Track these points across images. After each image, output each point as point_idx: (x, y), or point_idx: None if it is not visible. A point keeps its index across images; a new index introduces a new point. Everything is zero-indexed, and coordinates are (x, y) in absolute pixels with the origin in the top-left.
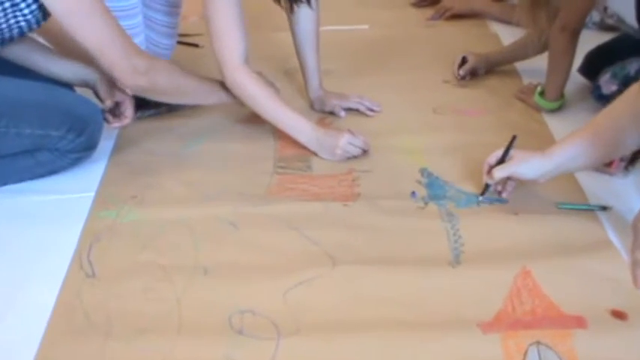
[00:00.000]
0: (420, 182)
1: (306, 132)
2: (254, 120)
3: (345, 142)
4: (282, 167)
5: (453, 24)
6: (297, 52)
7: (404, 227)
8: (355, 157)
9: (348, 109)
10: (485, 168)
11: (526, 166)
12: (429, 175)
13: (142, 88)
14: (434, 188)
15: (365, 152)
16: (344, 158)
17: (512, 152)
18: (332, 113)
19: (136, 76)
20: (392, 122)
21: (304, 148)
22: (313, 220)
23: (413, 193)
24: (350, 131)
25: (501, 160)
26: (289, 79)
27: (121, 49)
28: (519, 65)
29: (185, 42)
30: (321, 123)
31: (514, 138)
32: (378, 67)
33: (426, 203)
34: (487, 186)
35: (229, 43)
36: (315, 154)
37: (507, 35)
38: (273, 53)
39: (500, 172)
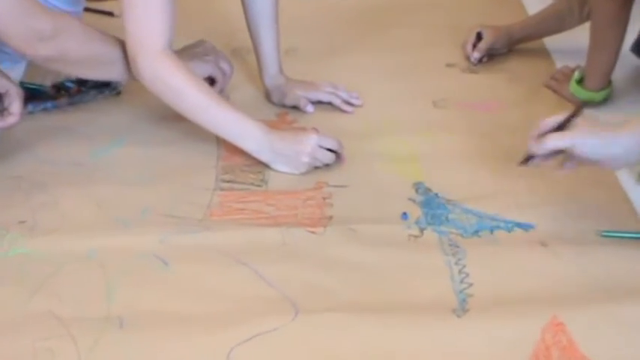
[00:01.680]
0: (413, 201)
1: (256, 136)
2: None
3: (313, 146)
4: (227, 181)
5: None
6: (248, 26)
7: (392, 262)
8: (327, 165)
9: (318, 103)
10: (535, 133)
11: (595, 139)
12: (426, 191)
13: (47, 57)
14: (432, 209)
15: (339, 158)
16: (311, 168)
17: (576, 121)
18: (295, 107)
19: (40, 43)
20: (376, 120)
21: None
22: (269, 252)
23: (404, 215)
24: (316, 130)
25: (561, 127)
26: (238, 61)
27: (15, 7)
28: (550, 42)
29: (95, 9)
30: (280, 122)
31: (581, 106)
32: (357, 44)
33: (421, 230)
34: (529, 158)
35: (150, 20)
36: (268, 166)
37: (534, 1)
38: (214, 27)
39: (556, 140)
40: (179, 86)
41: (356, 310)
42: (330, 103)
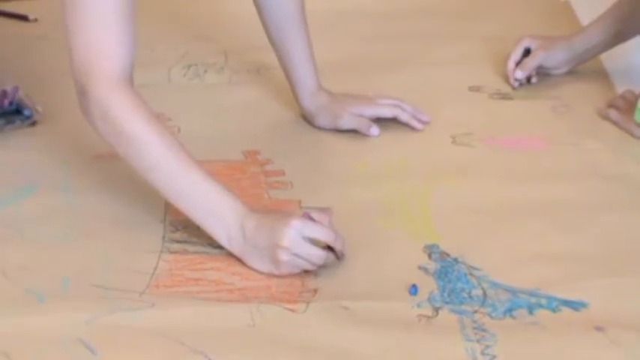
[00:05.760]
0: (425, 269)
1: (226, 220)
2: None
3: (292, 238)
4: (178, 241)
5: None
6: (271, 35)
7: (396, 351)
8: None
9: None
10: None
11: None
12: (442, 255)
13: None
14: (450, 280)
15: (337, 257)
16: (295, 269)
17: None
18: (354, 131)
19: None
20: (376, 160)
21: None
22: (233, 337)
23: (412, 288)
24: (306, 214)
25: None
26: (261, 82)
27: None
28: (609, 60)
29: (3, 12)
30: (248, 163)
31: None
32: (359, 60)
33: (435, 308)
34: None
35: (102, 35)
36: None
37: (586, 6)
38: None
39: (532, 61)
40: (135, 133)
41: None
42: (394, 120)
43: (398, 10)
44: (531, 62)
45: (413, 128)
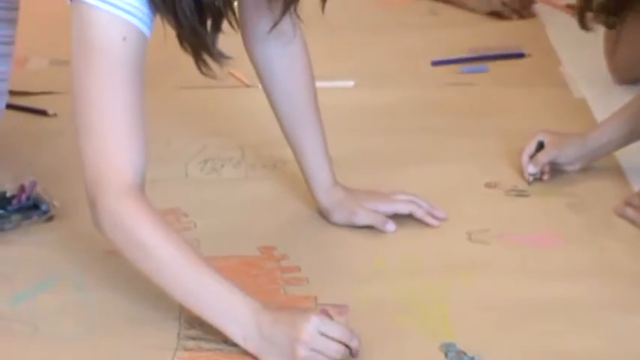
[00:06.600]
0: None
1: (242, 319)
2: None
3: (311, 333)
4: (193, 338)
5: (502, 81)
6: (285, 132)
7: None
8: None
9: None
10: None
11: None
12: (459, 354)
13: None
14: None
15: (352, 354)
16: None
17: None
18: (370, 227)
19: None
20: (390, 256)
21: None
22: None
23: None
24: (324, 311)
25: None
26: (277, 176)
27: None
28: (625, 157)
29: (23, 107)
30: (264, 258)
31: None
32: (373, 155)
33: None
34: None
35: (112, 143)
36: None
37: (600, 101)
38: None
39: (544, 156)
40: (144, 238)
41: None
42: (409, 216)
43: (412, 104)
44: (543, 157)
45: (428, 224)
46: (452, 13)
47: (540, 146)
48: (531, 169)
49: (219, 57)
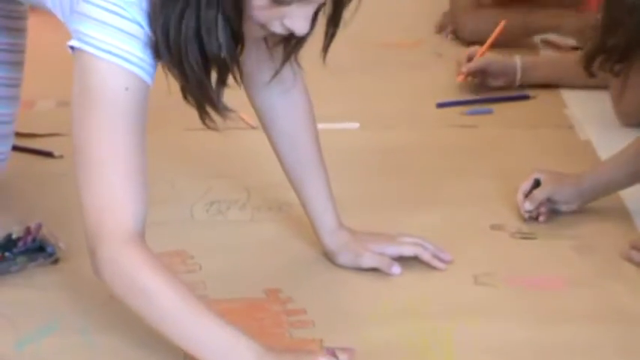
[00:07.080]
0: None
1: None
2: None
3: None
4: None
5: (506, 123)
6: (288, 175)
7: None
8: None
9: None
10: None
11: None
12: None
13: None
14: None
15: None
16: None
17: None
18: (375, 270)
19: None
20: (394, 299)
21: None
22: None
23: None
24: (329, 351)
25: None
26: (282, 219)
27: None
28: (631, 198)
29: (29, 148)
30: (269, 301)
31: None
32: (368, 198)
33: None
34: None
35: (114, 202)
36: None
37: (605, 143)
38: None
39: (540, 194)
40: (145, 285)
41: None
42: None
43: (416, 146)
44: (539, 194)
45: (434, 268)
46: (456, 54)
47: (537, 184)
48: (527, 205)
49: (224, 111)
